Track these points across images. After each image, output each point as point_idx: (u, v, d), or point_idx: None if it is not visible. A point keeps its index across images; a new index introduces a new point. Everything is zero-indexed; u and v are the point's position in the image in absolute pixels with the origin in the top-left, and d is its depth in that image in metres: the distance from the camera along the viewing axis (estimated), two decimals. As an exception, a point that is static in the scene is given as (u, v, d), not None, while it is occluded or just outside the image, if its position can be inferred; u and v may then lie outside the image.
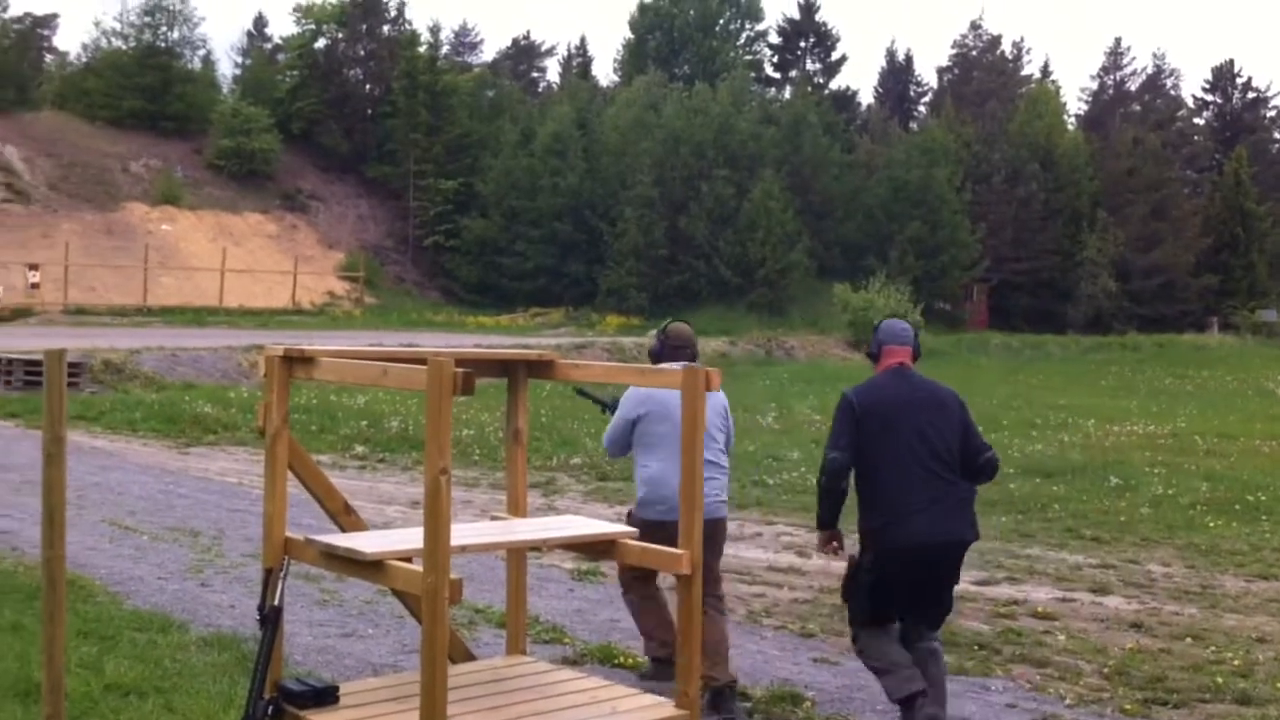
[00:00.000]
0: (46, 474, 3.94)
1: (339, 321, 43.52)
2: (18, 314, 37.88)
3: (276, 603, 4.01)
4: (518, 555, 4.70)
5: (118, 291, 42.29)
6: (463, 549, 3.95)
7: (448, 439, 3.60)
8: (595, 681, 4.34)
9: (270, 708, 3.90)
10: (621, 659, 6.70)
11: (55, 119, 51.82)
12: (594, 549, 4.35)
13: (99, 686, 5.63)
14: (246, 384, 23.48)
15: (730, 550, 8.09)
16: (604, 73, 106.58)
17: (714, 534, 5.74)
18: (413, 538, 4.07)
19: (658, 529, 5.39)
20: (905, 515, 5.12)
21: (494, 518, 4.77)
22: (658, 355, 6.29)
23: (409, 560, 3.89)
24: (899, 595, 5.21)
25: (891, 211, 52.29)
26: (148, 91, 52.75)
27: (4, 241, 42.10)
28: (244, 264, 46.29)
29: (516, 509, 4.75)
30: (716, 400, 6.10)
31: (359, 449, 15.65)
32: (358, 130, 58.08)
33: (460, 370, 3.62)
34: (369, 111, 58.75)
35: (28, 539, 9.41)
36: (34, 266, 40.61)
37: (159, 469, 13.60)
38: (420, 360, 4.40)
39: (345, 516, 4.45)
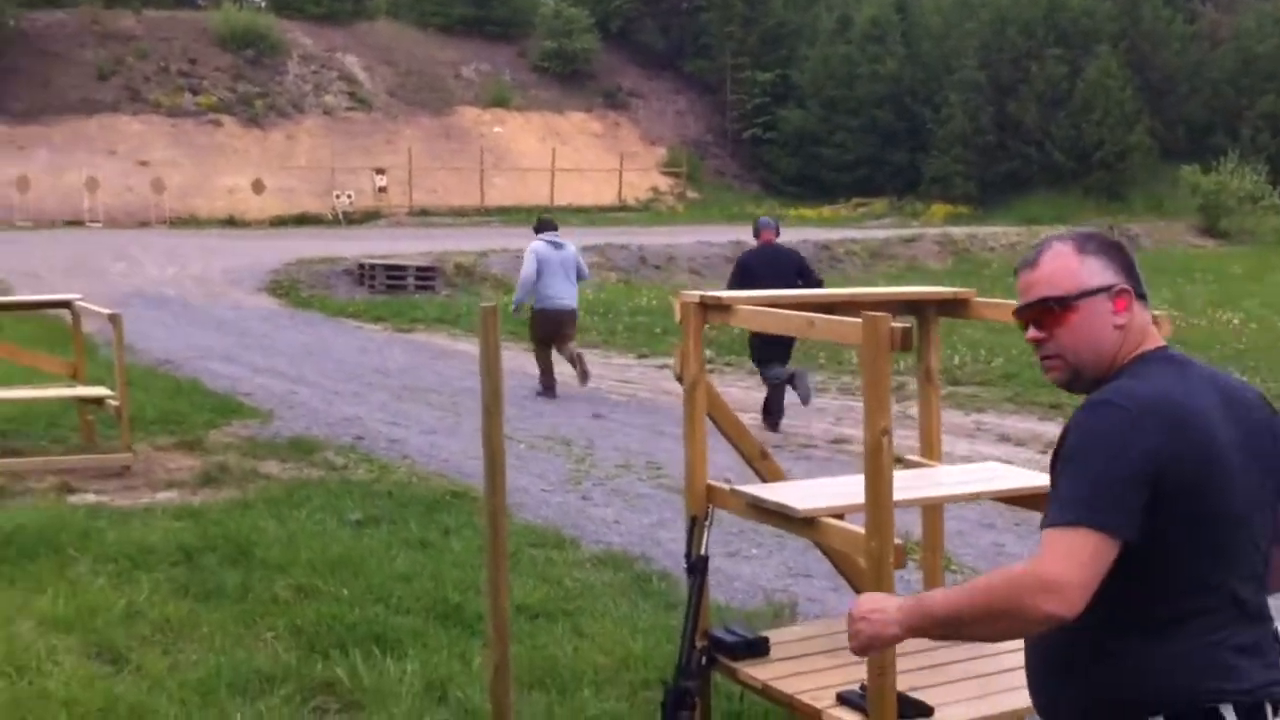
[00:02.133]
0: (486, 426, 4.10)
1: (663, 217, 44.14)
2: (368, 217, 40.29)
3: (704, 552, 4.04)
4: (935, 506, 4.59)
5: (456, 193, 44.25)
6: (895, 503, 3.86)
7: (887, 397, 3.51)
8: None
9: (704, 658, 3.95)
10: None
11: (390, 28, 54.21)
12: (1029, 502, 4.17)
13: (509, 609, 5.89)
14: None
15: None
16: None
17: (570, 320, 12.89)
18: (841, 491, 4.02)
19: (551, 313, 12.57)
20: None
21: (902, 461, 4.63)
22: (537, 230, 13.20)
23: (840, 517, 3.84)
24: (768, 355, 11.14)
25: (1241, 86, 48.24)
26: (475, -2, 54.43)
27: (351, 147, 44.66)
28: (571, 163, 47.48)
29: (931, 454, 4.64)
30: (569, 255, 12.77)
31: (706, 352, 15.83)
32: (674, 26, 58.17)
33: (898, 326, 3.52)
34: (684, 6, 58.66)
35: (416, 447, 10.01)
36: (380, 171, 42.99)
37: (520, 373, 14.12)
38: (844, 304, 4.32)
39: (761, 462, 4.45)
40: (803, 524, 3.82)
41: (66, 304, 9.59)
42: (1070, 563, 2.11)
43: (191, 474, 8.73)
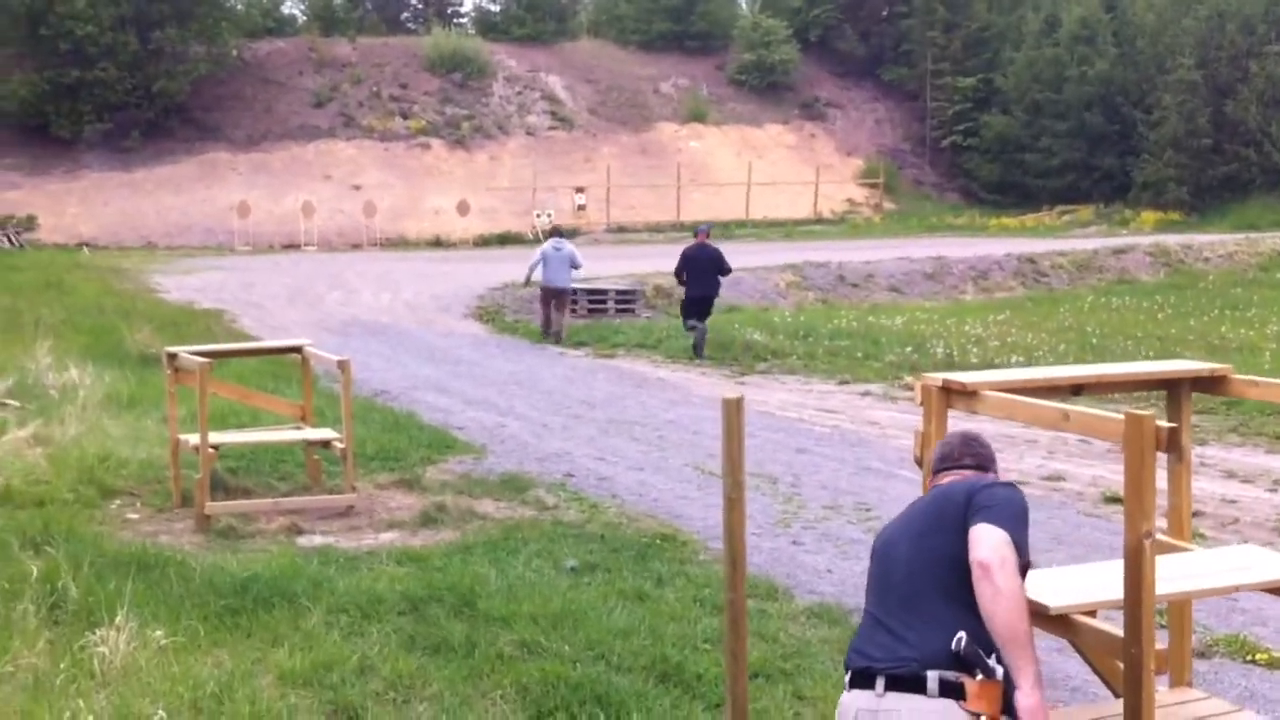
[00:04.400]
0: (728, 519, 4.07)
1: (860, 230, 43.58)
2: (566, 235, 40.86)
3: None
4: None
5: (653, 209, 44.58)
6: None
7: (1152, 499, 3.33)
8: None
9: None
10: (1256, 654, 6.18)
11: (591, 46, 55.01)
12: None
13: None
14: (784, 303, 24.13)
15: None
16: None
17: (562, 293, 19.48)
18: (1094, 583, 3.83)
19: (547, 288, 19.24)
20: (693, 284, 17.61)
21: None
22: (548, 235, 21.00)
23: (1093, 614, 3.67)
24: (691, 313, 17.66)
25: None
26: (674, 13, 54.72)
27: (552, 166, 45.43)
28: (766, 176, 47.31)
29: (1180, 534, 4.40)
30: (565, 254, 19.14)
31: (908, 378, 15.52)
32: (873, 33, 57.47)
33: (1164, 425, 3.34)
34: (884, 13, 57.93)
35: (624, 485, 10.04)
36: (580, 189, 43.62)
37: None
38: (1095, 383, 4.12)
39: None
40: (1055, 621, 3.66)
41: (297, 349, 9.95)
42: None
43: (411, 514, 8.94)
